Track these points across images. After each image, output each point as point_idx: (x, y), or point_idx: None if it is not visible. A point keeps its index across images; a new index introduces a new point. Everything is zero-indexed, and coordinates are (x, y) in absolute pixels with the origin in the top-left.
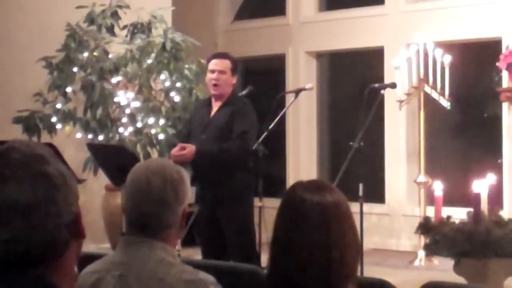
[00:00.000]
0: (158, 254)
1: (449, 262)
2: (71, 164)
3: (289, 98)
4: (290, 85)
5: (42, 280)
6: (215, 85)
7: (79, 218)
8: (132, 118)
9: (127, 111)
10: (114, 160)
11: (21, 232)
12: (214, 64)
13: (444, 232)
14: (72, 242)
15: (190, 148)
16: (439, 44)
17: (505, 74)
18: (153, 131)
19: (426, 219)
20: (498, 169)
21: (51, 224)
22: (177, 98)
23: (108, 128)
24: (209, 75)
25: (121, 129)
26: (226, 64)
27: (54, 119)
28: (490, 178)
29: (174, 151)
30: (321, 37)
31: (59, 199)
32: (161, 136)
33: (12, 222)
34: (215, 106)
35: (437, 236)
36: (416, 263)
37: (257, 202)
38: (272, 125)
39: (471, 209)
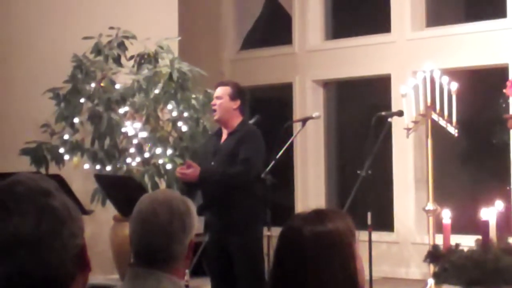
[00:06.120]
0: (165, 286)
1: None
2: (79, 195)
3: (297, 126)
4: (297, 113)
5: None
6: (213, 110)
7: (85, 250)
8: (140, 148)
9: (135, 141)
10: (121, 191)
11: (25, 266)
12: (215, 92)
13: (452, 260)
14: (78, 275)
15: (195, 168)
16: (446, 72)
17: None
18: (160, 161)
19: (435, 247)
20: (506, 196)
21: (56, 257)
22: (184, 128)
23: (116, 158)
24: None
25: (128, 160)
26: (224, 90)
27: (61, 150)
28: (499, 205)
29: (180, 168)
30: (328, 65)
31: (64, 233)
32: (168, 166)
33: (16, 256)
34: (225, 134)
35: (445, 264)
36: None
37: (265, 231)
38: (279, 154)
39: (480, 237)
